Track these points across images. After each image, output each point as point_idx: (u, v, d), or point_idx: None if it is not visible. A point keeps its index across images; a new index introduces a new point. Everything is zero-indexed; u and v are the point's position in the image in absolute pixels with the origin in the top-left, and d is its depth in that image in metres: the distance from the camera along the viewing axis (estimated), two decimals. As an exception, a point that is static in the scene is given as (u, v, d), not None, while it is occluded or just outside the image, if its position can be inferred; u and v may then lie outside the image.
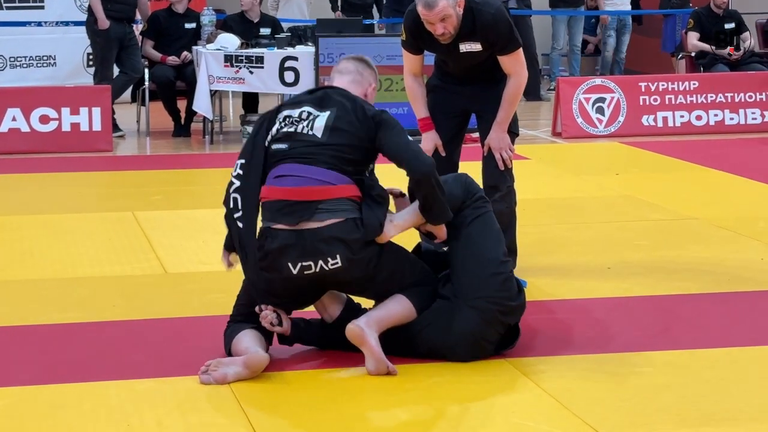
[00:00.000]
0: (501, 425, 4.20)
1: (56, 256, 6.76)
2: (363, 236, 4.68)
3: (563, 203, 8.27)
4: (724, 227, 7.37)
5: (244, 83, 11.30)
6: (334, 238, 4.65)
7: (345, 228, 4.66)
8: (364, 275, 4.74)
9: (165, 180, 9.41)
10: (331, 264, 4.67)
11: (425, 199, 4.79)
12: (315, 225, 4.66)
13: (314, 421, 4.27)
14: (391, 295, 4.80)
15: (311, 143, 4.79)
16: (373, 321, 4.69)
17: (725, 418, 4.25)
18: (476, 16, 5.75)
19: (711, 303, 5.77)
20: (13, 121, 10.80)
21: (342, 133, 4.80)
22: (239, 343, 4.75)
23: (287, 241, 4.66)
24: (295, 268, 4.67)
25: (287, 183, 4.74)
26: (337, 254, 4.66)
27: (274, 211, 4.73)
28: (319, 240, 4.64)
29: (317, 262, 4.66)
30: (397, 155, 4.80)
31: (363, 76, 5.08)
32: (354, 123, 4.83)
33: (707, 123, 11.91)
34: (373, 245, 4.72)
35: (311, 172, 4.73)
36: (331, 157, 4.76)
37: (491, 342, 4.85)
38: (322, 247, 4.65)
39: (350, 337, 4.65)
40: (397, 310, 4.77)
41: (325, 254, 4.65)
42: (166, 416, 4.27)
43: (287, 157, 4.79)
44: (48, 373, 4.73)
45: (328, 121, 4.83)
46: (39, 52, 13.76)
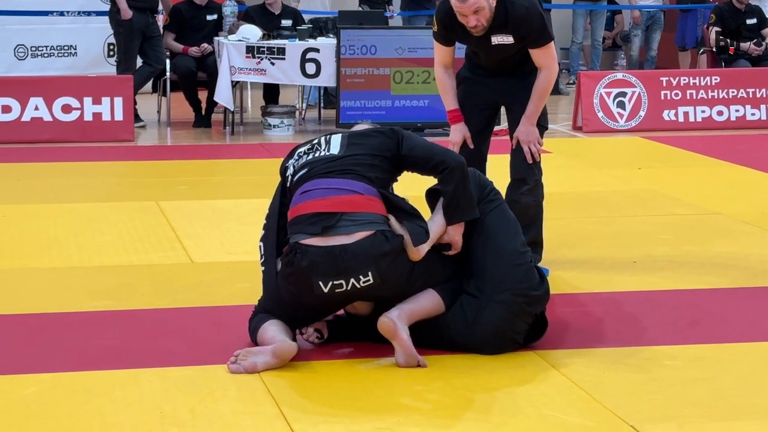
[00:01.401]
0: (531, 417, 4.21)
1: (82, 244, 6.79)
2: (394, 248, 4.64)
3: (586, 197, 8.27)
4: (748, 222, 7.37)
5: (265, 74, 11.32)
6: (364, 254, 4.61)
7: (375, 243, 4.62)
8: (397, 289, 4.74)
9: (187, 170, 9.42)
10: (363, 282, 4.64)
11: (455, 190, 4.79)
12: (344, 240, 4.61)
13: (344, 410, 4.28)
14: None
15: (330, 159, 4.83)
16: (405, 314, 4.68)
17: (756, 412, 4.25)
18: (509, 9, 5.75)
19: (738, 298, 5.76)
20: (35, 111, 10.84)
21: (360, 146, 4.86)
22: (265, 333, 4.76)
23: (316, 259, 4.61)
24: (326, 287, 4.64)
25: (312, 196, 4.74)
26: (369, 272, 4.63)
27: (300, 224, 4.72)
28: (349, 257, 4.60)
29: (349, 281, 4.63)
30: (428, 152, 4.85)
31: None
32: (368, 136, 4.91)
33: (728, 118, 11.89)
34: (404, 259, 4.69)
35: (336, 183, 4.74)
36: (353, 165, 4.79)
37: (520, 334, 4.85)
38: (352, 264, 4.61)
39: (382, 330, 4.66)
40: (428, 304, 4.77)
41: (357, 272, 4.62)
42: (198, 404, 4.29)
43: (310, 177, 4.81)
44: (79, 360, 4.75)
45: (343, 139, 4.92)
46: (60, 42, 13.80)
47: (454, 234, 4.85)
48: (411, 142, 4.91)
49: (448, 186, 4.82)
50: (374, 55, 11.20)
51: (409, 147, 4.88)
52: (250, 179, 9.03)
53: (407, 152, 4.87)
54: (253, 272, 5.95)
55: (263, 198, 8.05)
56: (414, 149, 4.88)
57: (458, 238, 4.85)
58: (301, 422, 4.14)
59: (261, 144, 10.90)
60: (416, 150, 4.88)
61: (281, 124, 11.46)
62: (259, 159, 9.95)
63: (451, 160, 4.81)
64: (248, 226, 7.16)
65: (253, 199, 7.92)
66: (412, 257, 4.70)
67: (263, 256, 4.88)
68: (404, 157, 4.89)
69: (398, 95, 11.22)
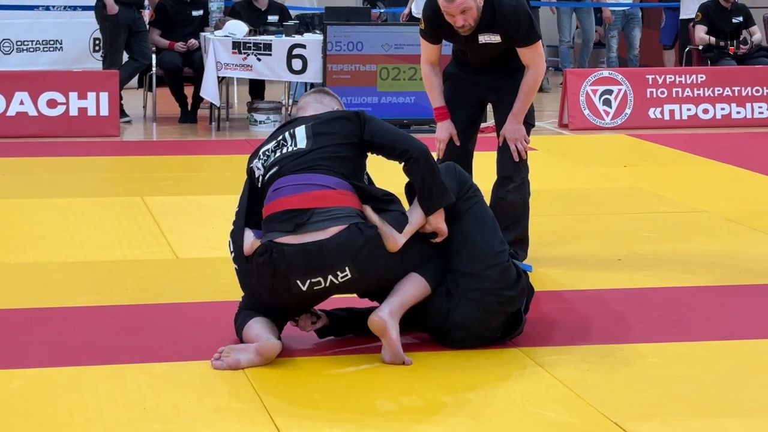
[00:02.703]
0: (516, 414, 4.21)
1: (67, 239, 6.77)
2: (369, 239, 4.60)
3: (572, 194, 8.28)
4: (733, 220, 7.38)
5: (251, 70, 11.30)
6: (339, 249, 4.58)
7: (350, 237, 4.59)
8: (375, 280, 4.72)
9: (173, 166, 9.41)
10: (341, 277, 4.62)
11: (423, 180, 4.74)
12: (318, 237, 4.59)
13: (329, 406, 4.28)
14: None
15: (299, 154, 4.78)
16: (395, 310, 4.66)
17: (740, 410, 4.26)
18: (496, 8, 5.75)
19: (723, 295, 5.78)
20: (20, 105, 10.81)
21: (325, 136, 4.80)
22: (250, 331, 4.74)
23: (292, 258, 4.58)
24: (304, 285, 4.62)
25: (283, 193, 4.71)
26: (346, 267, 4.61)
27: (272, 222, 4.69)
28: (325, 254, 4.58)
29: (326, 277, 4.60)
30: (390, 139, 4.79)
31: (323, 103, 5.09)
32: (333, 122, 4.84)
33: (714, 116, 11.92)
34: (381, 249, 4.66)
35: (307, 179, 4.71)
36: (324, 159, 4.74)
37: (493, 330, 4.86)
38: (329, 260, 4.58)
39: (373, 329, 4.64)
40: (415, 290, 4.74)
41: (333, 268, 4.59)
42: (182, 399, 4.28)
43: (280, 175, 4.78)
44: (63, 355, 4.74)
45: (308, 130, 4.84)
46: (46, 37, 13.76)
47: (436, 222, 4.80)
48: (374, 127, 4.82)
49: (416, 176, 4.77)
50: (361, 51, 11.20)
51: (372, 133, 4.81)
52: (236, 175, 8.91)
53: (370, 138, 4.81)
54: (237, 268, 5.95)
55: (249, 194, 8.10)
56: (376, 135, 4.81)
57: (441, 225, 4.82)
58: (285, 418, 4.13)
59: (247, 140, 10.89)
60: (379, 137, 4.81)
61: (267, 120, 11.45)
62: (244, 155, 9.79)
63: (414, 149, 4.74)
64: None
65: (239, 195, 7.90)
66: (390, 248, 4.67)
67: (234, 252, 4.85)
68: (367, 143, 4.83)
69: (385, 92, 11.22)
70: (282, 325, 4.88)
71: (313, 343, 4.91)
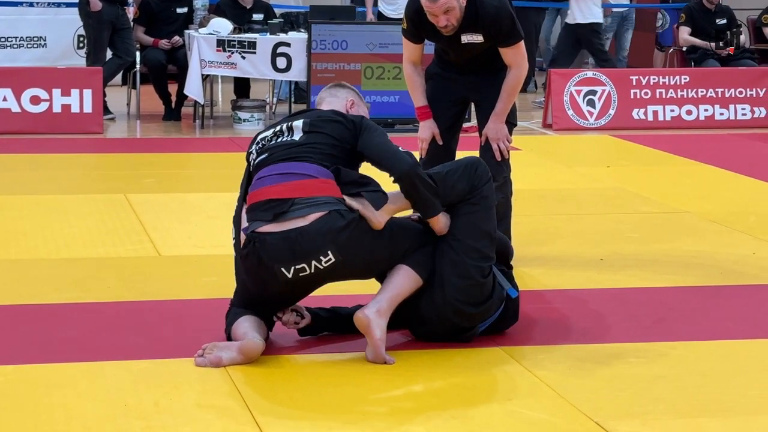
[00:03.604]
0: (497, 413, 4.22)
1: (49, 236, 6.75)
2: (350, 222, 4.60)
3: (555, 194, 8.29)
4: (715, 221, 7.40)
5: (236, 68, 11.29)
6: (320, 233, 4.58)
7: (330, 220, 4.60)
8: (362, 264, 4.73)
9: (156, 163, 9.39)
10: (325, 262, 4.62)
11: (408, 195, 4.78)
12: (299, 223, 4.59)
13: (310, 404, 4.28)
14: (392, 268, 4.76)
15: (290, 145, 4.79)
16: (384, 308, 4.65)
17: (720, 409, 4.28)
18: (479, 8, 5.75)
19: (704, 296, 5.79)
20: (3, 102, 10.78)
21: (319, 134, 4.81)
22: (238, 329, 4.73)
23: (276, 246, 4.59)
24: (289, 273, 4.62)
25: (266, 182, 4.72)
26: (329, 250, 4.61)
27: (254, 212, 4.70)
28: (306, 240, 4.58)
29: (311, 263, 4.61)
30: (377, 155, 4.80)
31: (337, 96, 5.09)
32: (331, 123, 4.84)
33: (697, 118, 11.95)
34: (364, 231, 4.67)
35: (290, 167, 4.71)
36: (311, 151, 4.75)
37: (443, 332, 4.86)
38: (311, 246, 4.58)
39: (358, 325, 4.64)
40: (405, 284, 4.73)
41: (317, 253, 4.60)
42: (163, 397, 4.27)
43: (267, 163, 4.79)
44: (44, 352, 4.73)
45: (305, 125, 4.84)
46: (29, 33, 13.72)
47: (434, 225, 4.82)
48: (367, 140, 4.82)
49: (407, 193, 4.79)
50: (345, 50, 11.20)
51: (363, 146, 4.82)
52: (220, 173, 9.00)
53: (361, 149, 4.83)
54: (220, 266, 5.94)
55: (232, 192, 7.99)
56: (367, 149, 4.82)
57: (438, 227, 4.82)
58: (267, 416, 4.13)
59: (231, 138, 10.88)
60: (369, 150, 4.82)
61: (251, 118, 11.43)
62: (228, 153, 9.93)
63: (398, 170, 4.72)
64: (216, 220, 7.15)
65: (222, 193, 7.90)
66: (374, 226, 4.66)
67: (234, 239, 4.85)
68: (358, 153, 4.85)
69: (369, 90, 11.21)
70: (271, 322, 4.87)
71: (296, 341, 4.91)
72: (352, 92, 5.15)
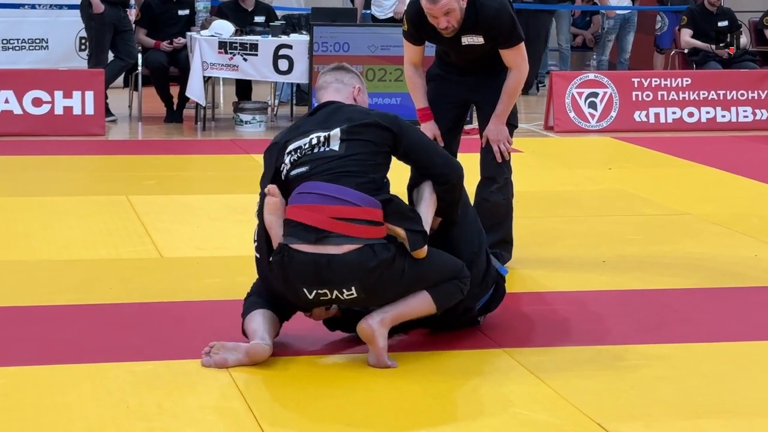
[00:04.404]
0: (499, 415, 4.22)
1: (51, 238, 6.76)
2: (382, 262, 4.57)
3: (557, 196, 8.29)
4: (717, 223, 7.40)
5: (237, 70, 11.30)
6: (349, 267, 4.56)
7: (361, 257, 4.57)
8: (383, 301, 4.69)
9: (158, 165, 9.40)
10: (346, 295, 4.61)
11: (449, 206, 4.82)
12: (333, 251, 4.57)
13: (312, 406, 4.28)
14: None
15: (332, 158, 4.71)
16: (387, 319, 4.63)
17: (721, 411, 4.28)
18: (479, 10, 5.75)
19: (705, 298, 5.79)
20: (5, 104, 10.78)
21: (360, 142, 4.74)
22: (250, 323, 4.72)
23: (304, 268, 4.58)
24: (311, 294, 4.63)
25: (309, 200, 4.65)
26: (353, 286, 4.59)
27: (295, 228, 4.65)
28: (333, 268, 4.56)
29: (332, 292, 4.61)
30: (428, 161, 4.81)
31: (344, 82, 5.02)
32: (368, 128, 4.78)
33: (699, 120, 11.95)
34: (393, 272, 4.62)
35: (334, 191, 4.64)
36: (354, 164, 4.68)
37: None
38: (337, 277, 4.57)
39: (361, 335, 4.63)
40: (416, 307, 4.71)
41: (340, 285, 4.58)
42: (165, 398, 4.27)
43: (311, 177, 4.70)
44: (46, 353, 4.73)
45: (342, 134, 4.76)
46: (31, 35, 13.74)
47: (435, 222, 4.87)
48: (410, 142, 4.81)
49: (445, 199, 4.82)
50: (347, 52, 11.20)
51: (408, 148, 4.80)
52: (221, 175, 9.01)
53: (404, 153, 4.80)
54: (222, 268, 5.96)
55: (234, 194, 8.11)
56: (413, 152, 4.81)
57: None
58: (269, 418, 4.13)
59: (232, 140, 10.88)
60: (415, 154, 4.81)
61: (253, 120, 11.44)
62: (230, 155, 9.93)
63: (454, 176, 4.79)
64: (218, 221, 7.16)
65: (224, 195, 7.92)
66: (417, 255, 4.65)
67: (256, 241, 4.83)
68: (401, 156, 4.83)
69: (371, 92, 11.05)
70: (287, 314, 4.85)
71: (299, 343, 4.90)
72: (356, 77, 5.08)
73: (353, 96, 5.01)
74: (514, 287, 5.86)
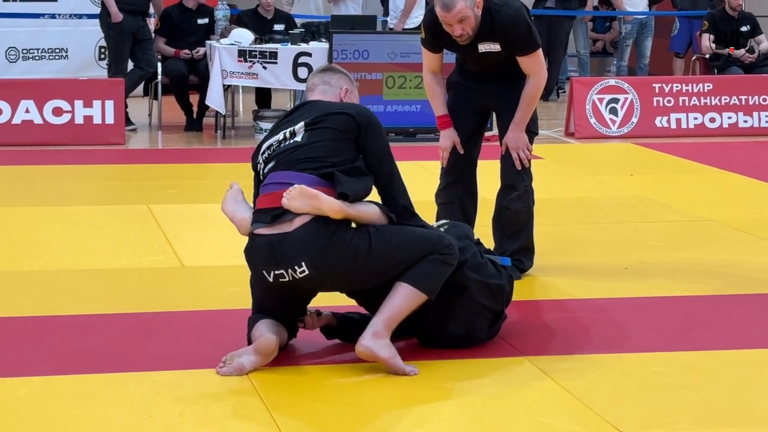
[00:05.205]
0: (523, 423, 4.20)
1: (73, 247, 6.77)
2: (331, 236, 4.56)
3: (578, 203, 8.27)
4: (739, 229, 7.37)
5: (257, 78, 11.31)
6: (298, 242, 4.57)
7: (309, 230, 4.58)
8: (340, 280, 4.69)
9: (178, 174, 9.41)
10: (299, 273, 4.60)
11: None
12: (285, 228, 4.60)
13: (334, 414, 4.27)
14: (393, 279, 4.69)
15: (294, 148, 4.77)
16: (381, 331, 4.60)
17: (746, 419, 4.25)
18: (495, 17, 5.74)
19: (729, 305, 5.76)
20: (26, 113, 10.80)
21: (321, 130, 4.76)
22: (255, 331, 4.75)
23: (261, 249, 4.63)
24: (270, 276, 4.64)
25: (268, 190, 4.74)
26: (303, 262, 4.58)
27: (257, 214, 4.75)
28: (285, 246, 4.58)
29: (288, 271, 4.60)
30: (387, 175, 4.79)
31: (331, 84, 5.01)
32: (332, 115, 4.79)
33: (721, 125, 11.90)
34: (341, 243, 4.59)
35: (287, 177, 4.68)
36: (314, 151, 4.71)
37: (482, 330, 4.94)
38: (288, 254, 4.58)
39: (361, 357, 4.61)
40: (402, 304, 4.65)
41: (292, 262, 4.58)
42: (187, 408, 4.27)
43: (274, 170, 4.79)
44: (69, 363, 4.74)
45: (306, 126, 4.80)
46: (51, 45, 13.78)
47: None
48: (373, 144, 4.77)
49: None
50: (366, 59, 11.20)
51: (368, 149, 4.76)
52: (241, 183, 8.85)
53: (364, 153, 4.77)
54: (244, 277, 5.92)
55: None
56: (373, 156, 4.77)
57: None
58: (291, 426, 4.13)
59: (252, 148, 10.83)
60: (376, 160, 4.78)
61: (273, 128, 11.43)
62: (250, 163, 9.90)
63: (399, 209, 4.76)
64: (239, 230, 7.15)
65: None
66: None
67: None
68: (364, 156, 4.79)
69: (390, 100, 11.21)
70: (290, 326, 4.85)
71: (320, 350, 4.90)
72: (344, 78, 5.04)
73: (340, 97, 4.98)
74: (536, 295, 5.85)
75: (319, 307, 4.95)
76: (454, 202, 6.10)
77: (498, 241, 6.10)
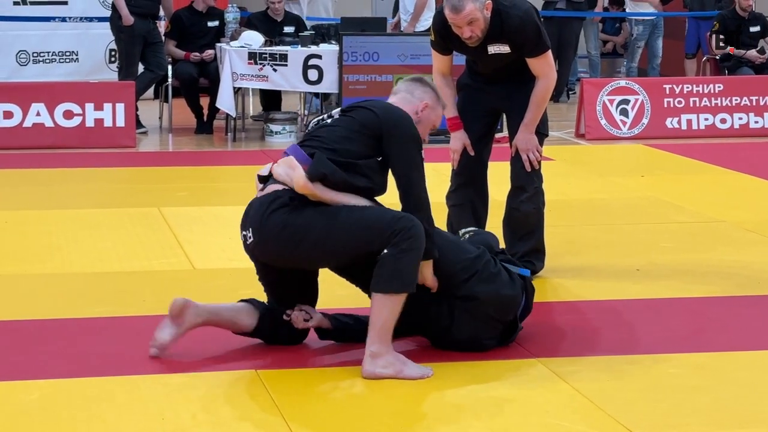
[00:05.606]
0: (535, 425, 4.20)
1: (84, 250, 6.78)
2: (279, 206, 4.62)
3: (589, 204, 8.25)
4: (751, 230, 7.35)
5: (267, 81, 11.30)
6: (253, 209, 4.70)
7: (264, 200, 4.69)
8: (278, 254, 4.68)
9: (189, 176, 9.42)
10: (248, 239, 4.74)
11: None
12: (259, 194, 4.75)
13: (346, 415, 4.27)
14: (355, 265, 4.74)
15: (320, 128, 4.87)
16: (376, 350, 4.57)
17: (758, 421, 4.24)
18: (504, 19, 5.73)
19: (741, 306, 5.75)
20: (37, 116, 10.82)
21: (347, 118, 4.81)
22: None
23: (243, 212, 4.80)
24: (242, 238, 4.78)
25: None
26: (251, 227, 4.71)
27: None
28: (250, 210, 4.74)
29: (246, 235, 4.76)
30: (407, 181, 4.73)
31: (413, 94, 4.92)
32: (360, 110, 4.80)
33: (731, 126, 11.87)
34: (274, 215, 4.61)
35: (291, 149, 4.81)
36: (328, 132, 4.76)
37: (492, 338, 4.92)
38: (248, 218, 4.73)
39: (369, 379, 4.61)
40: (383, 314, 4.57)
41: (246, 226, 4.74)
42: (201, 410, 4.28)
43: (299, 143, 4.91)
44: (81, 366, 4.74)
45: (341, 110, 4.89)
46: (62, 48, 13.81)
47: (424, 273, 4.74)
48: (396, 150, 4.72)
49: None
50: (376, 61, 11.19)
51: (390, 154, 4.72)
52: (252, 185, 8.95)
53: (386, 155, 4.74)
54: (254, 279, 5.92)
55: (265, 204, 8.10)
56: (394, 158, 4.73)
57: (427, 274, 4.75)
58: (303, 428, 4.12)
59: (263, 150, 10.90)
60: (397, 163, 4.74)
61: (283, 130, 11.44)
62: (260, 165, 9.88)
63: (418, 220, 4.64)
64: (250, 232, 7.15)
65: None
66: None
67: None
68: (385, 159, 4.76)
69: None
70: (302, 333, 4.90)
71: (332, 351, 4.90)
72: (429, 93, 4.94)
73: (418, 110, 4.89)
74: (547, 296, 5.84)
75: (322, 309, 4.95)
76: (465, 204, 6.10)
77: (509, 243, 6.10)
